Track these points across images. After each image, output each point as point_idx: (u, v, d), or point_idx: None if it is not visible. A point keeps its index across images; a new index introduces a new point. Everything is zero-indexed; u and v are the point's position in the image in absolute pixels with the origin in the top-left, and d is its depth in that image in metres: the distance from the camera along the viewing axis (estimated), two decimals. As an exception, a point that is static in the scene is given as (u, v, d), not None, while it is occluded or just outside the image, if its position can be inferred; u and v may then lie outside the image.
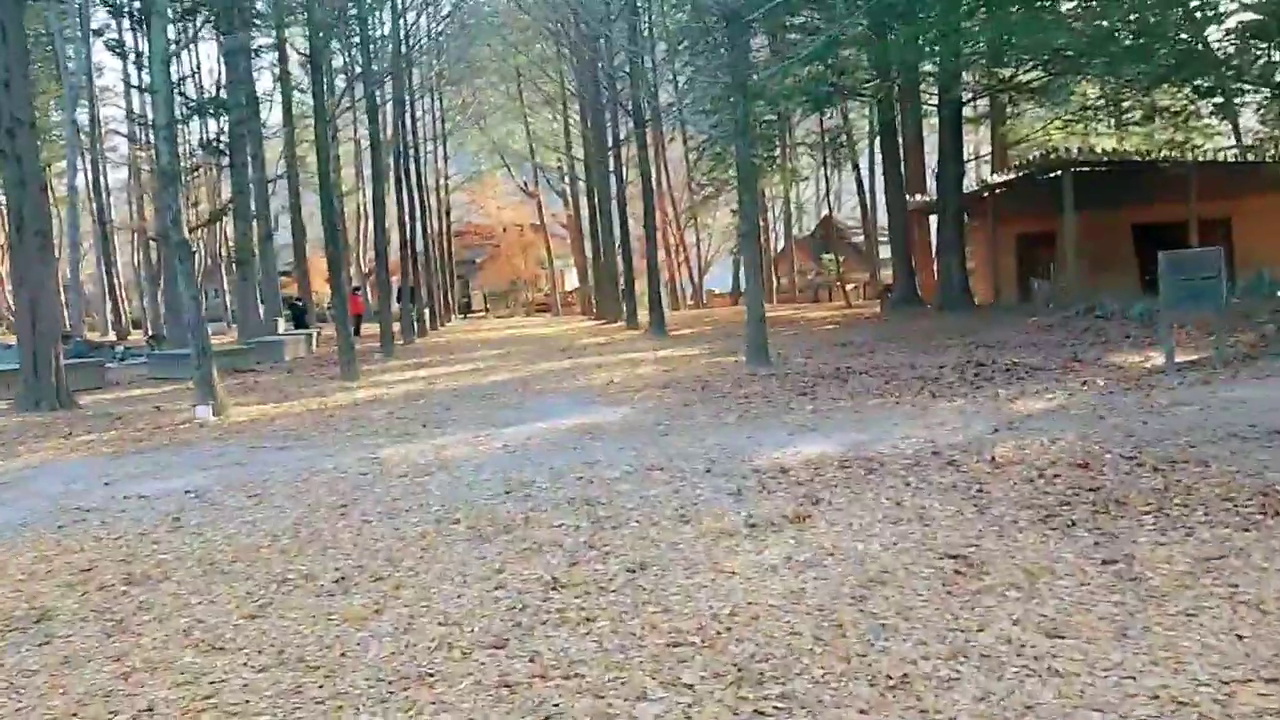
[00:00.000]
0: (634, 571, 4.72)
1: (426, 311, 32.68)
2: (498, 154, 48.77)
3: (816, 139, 38.70)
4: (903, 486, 6.05)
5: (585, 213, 40.32)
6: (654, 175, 29.12)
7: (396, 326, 24.08)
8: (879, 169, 30.68)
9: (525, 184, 49.71)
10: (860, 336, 17.97)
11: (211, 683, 3.69)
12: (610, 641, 3.85)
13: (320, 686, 3.60)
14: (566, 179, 44.19)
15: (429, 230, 34.88)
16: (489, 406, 11.78)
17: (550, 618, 4.16)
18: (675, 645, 3.76)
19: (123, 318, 36.97)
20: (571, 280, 53.79)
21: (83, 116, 35.08)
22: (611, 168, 28.91)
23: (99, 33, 29.58)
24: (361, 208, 48.32)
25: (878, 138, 30.20)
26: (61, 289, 31.85)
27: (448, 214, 43.96)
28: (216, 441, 10.06)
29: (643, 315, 26.93)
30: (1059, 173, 21.35)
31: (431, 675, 3.63)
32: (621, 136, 28.12)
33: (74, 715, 3.49)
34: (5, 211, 15.52)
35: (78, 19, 32.98)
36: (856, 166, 37.93)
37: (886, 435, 7.78)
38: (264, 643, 4.07)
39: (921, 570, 4.46)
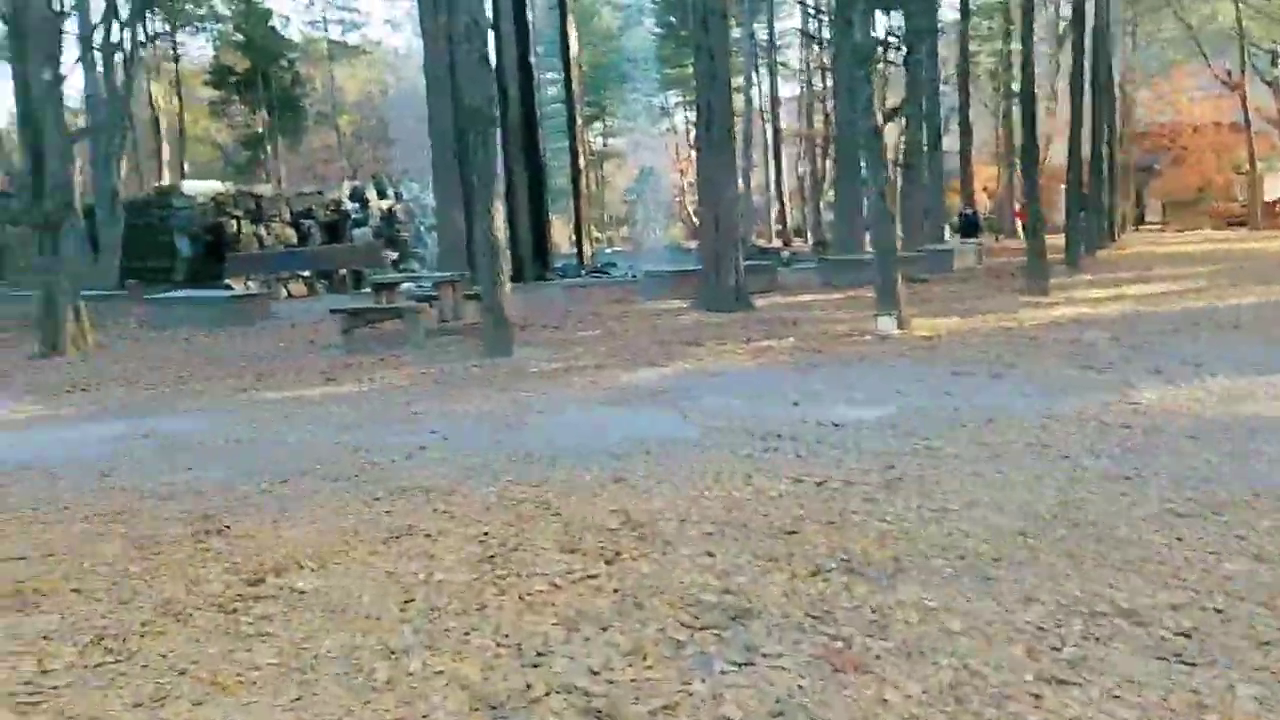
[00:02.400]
0: None
1: (1105, 223, 28.58)
2: (1193, 40, 41.11)
3: None
4: None
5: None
6: None
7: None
8: None
9: (1229, 73, 41.44)
10: None
11: None
12: None
13: None
14: (1286, 62, 35.65)
15: (1112, 131, 30.33)
16: (1243, 342, 8.76)
17: None
18: None
19: (786, 225, 38.36)
20: (1275, 188, 44.30)
21: (760, 31, 36.40)
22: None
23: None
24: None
25: None
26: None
27: (1129, 113, 38.26)
28: (905, 359, 8.55)
29: None
30: None
31: None
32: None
33: None
34: (696, 112, 15.65)
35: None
36: None
37: None
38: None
39: None
